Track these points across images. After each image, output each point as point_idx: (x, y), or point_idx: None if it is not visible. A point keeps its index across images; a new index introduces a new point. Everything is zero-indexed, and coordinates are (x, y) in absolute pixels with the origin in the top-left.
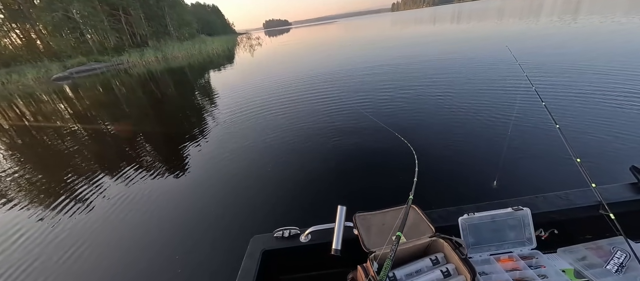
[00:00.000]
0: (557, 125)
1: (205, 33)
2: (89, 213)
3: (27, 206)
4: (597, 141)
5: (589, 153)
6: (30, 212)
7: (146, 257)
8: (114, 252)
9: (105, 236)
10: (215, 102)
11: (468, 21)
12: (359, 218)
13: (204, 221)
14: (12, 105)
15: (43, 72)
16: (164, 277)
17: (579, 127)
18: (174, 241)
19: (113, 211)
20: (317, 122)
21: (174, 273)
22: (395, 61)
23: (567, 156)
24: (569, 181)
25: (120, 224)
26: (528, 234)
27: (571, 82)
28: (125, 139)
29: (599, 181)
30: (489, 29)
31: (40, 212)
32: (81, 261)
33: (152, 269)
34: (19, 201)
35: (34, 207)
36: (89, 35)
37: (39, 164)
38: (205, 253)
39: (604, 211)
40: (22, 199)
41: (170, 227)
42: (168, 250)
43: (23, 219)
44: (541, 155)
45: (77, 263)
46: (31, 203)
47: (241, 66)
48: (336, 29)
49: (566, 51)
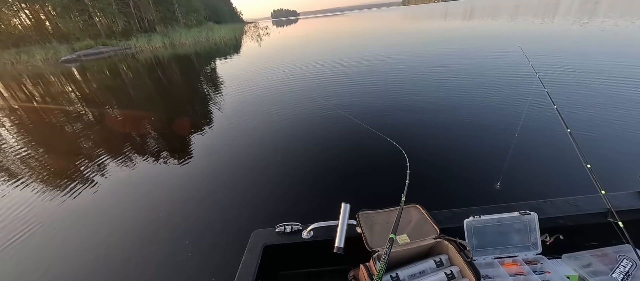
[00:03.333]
0: (568, 129)
1: (213, 20)
2: (95, 194)
3: (32, 185)
4: (608, 147)
5: (600, 160)
6: (34, 191)
7: (150, 239)
8: (122, 232)
9: (113, 215)
10: (221, 91)
11: (481, 18)
12: (362, 216)
13: (209, 210)
14: (22, 85)
15: (51, 53)
16: (175, 258)
17: (590, 132)
18: (181, 227)
19: (121, 192)
20: (326, 117)
21: (185, 256)
22: (405, 57)
23: (577, 161)
24: (578, 186)
25: (131, 205)
26: (533, 238)
27: (585, 86)
28: (131, 123)
29: (608, 188)
30: (501, 27)
31: (45, 191)
32: (85, 239)
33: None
34: (25, 180)
35: (38, 186)
36: (97, 19)
37: (45, 144)
38: (208, 244)
39: (613, 218)
40: (28, 178)
41: (177, 211)
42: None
43: (28, 198)
44: (550, 159)
45: (82, 242)
46: (36, 181)
47: (248, 56)
48: (345, 22)
49: (581, 53)
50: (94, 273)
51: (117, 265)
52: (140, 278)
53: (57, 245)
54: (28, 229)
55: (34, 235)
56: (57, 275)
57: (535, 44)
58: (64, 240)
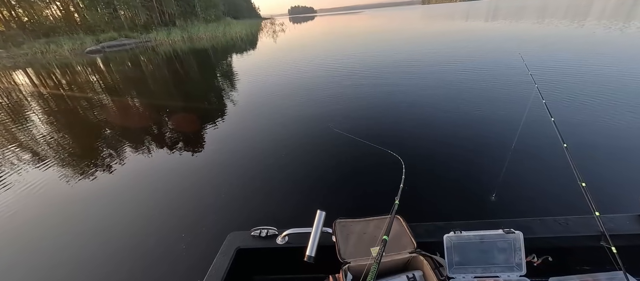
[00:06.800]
0: (564, 144)
1: (231, 16)
2: (110, 176)
3: (49, 165)
4: (606, 167)
5: (596, 179)
6: (51, 170)
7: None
8: (128, 214)
9: (125, 198)
10: (235, 86)
11: (495, 20)
12: (339, 224)
13: (193, 205)
14: (51, 74)
15: (78, 44)
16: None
17: (588, 149)
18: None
19: (130, 177)
20: (323, 121)
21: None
22: (402, 62)
23: (572, 178)
24: (571, 205)
25: (143, 191)
26: (518, 259)
27: (586, 101)
28: (147, 114)
29: (603, 209)
30: (509, 31)
31: (60, 170)
32: (95, 219)
33: None
34: (44, 160)
35: (55, 166)
36: (121, 12)
37: (68, 128)
38: (186, 241)
39: (606, 242)
40: (48, 159)
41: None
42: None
43: (45, 177)
44: (545, 174)
45: (90, 221)
46: (54, 162)
47: (263, 53)
48: (358, 21)
49: (586, 67)
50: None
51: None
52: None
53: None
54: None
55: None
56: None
57: (539, 52)
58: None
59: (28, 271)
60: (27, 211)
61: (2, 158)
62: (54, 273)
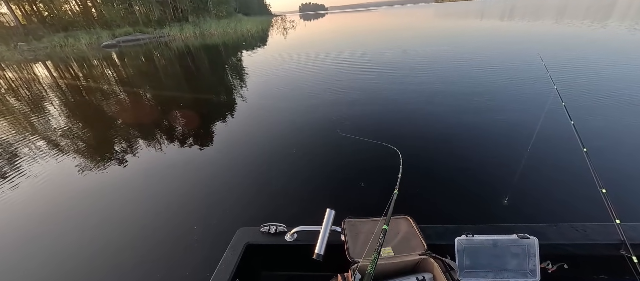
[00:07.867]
0: (584, 148)
1: (242, 12)
2: (124, 168)
3: (62, 156)
4: (628, 173)
5: (617, 185)
6: (63, 161)
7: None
8: (138, 206)
9: (136, 190)
10: (245, 83)
11: (511, 19)
12: (348, 223)
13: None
14: (69, 67)
15: (95, 38)
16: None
17: (609, 155)
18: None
19: (141, 169)
20: (333, 121)
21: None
22: (416, 60)
23: (592, 184)
24: (589, 212)
25: (157, 183)
26: (532, 265)
27: (608, 104)
28: (160, 108)
29: (624, 217)
30: (526, 30)
31: (71, 162)
32: (102, 211)
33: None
34: (59, 150)
35: (67, 158)
36: (136, 7)
37: (83, 119)
38: (196, 234)
39: (626, 251)
40: (62, 149)
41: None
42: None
43: (56, 167)
44: (562, 178)
45: (100, 212)
46: (67, 154)
47: (272, 51)
48: (368, 19)
49: (607, 69)
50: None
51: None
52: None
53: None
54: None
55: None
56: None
57: (558, 52)
58: None
59: (47, 258)
60: (39, 201)
61: (21, 145)
62: (73, 259)
